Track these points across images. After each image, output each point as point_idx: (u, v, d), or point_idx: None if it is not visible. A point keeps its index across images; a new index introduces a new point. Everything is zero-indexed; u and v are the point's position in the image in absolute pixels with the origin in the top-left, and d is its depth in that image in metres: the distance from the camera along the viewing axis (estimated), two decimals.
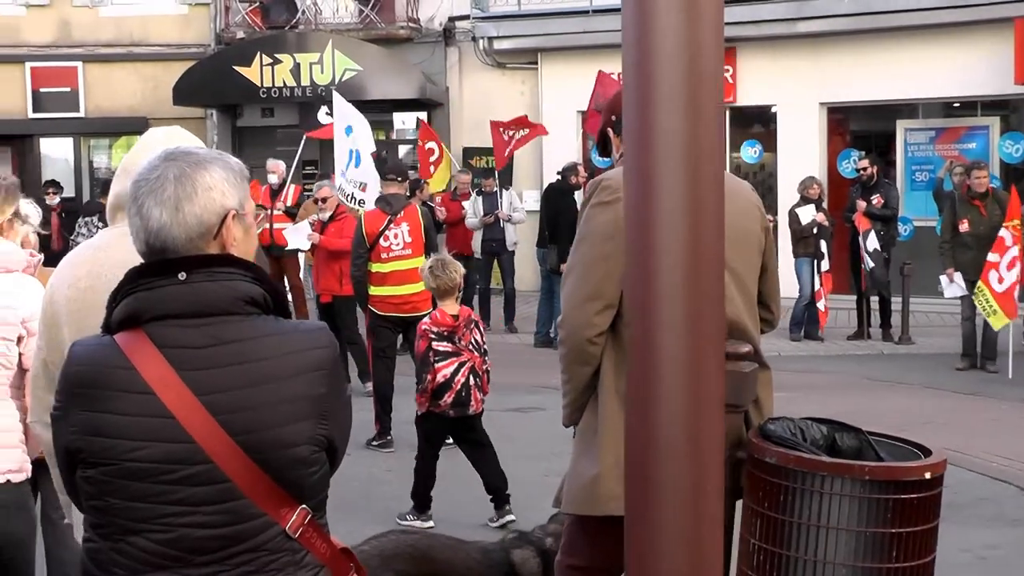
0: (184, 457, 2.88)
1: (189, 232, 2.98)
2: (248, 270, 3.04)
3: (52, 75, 26.77)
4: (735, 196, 4.72)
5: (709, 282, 2.44)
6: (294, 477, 2.98)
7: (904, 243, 19.81)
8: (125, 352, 2.93)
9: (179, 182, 2.99)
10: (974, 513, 9.48)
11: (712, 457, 2.49)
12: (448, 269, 9.39)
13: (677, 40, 2.33)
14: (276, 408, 2.94)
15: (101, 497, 2.95)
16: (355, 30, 25.52)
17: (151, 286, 2.96)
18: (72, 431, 2.96)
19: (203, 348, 2.93)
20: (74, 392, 2.97)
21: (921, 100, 22.40)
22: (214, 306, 2.95)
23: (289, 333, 3.04)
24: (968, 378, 15.28)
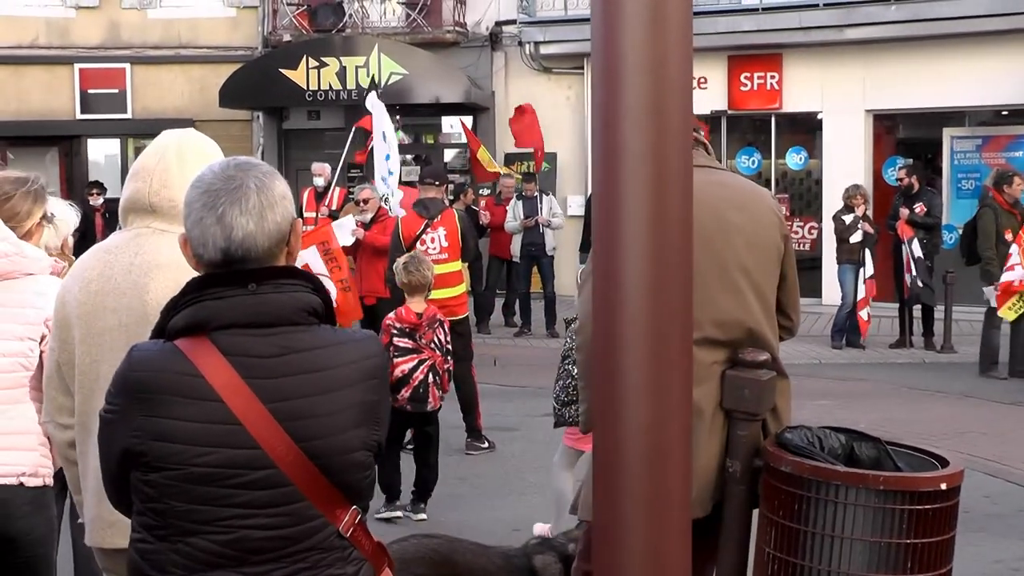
0: (248, 462, 2.96)
1: (271, 240, 3.06)
2: (308, 281, 3.12)
3: (100, 76, 26.94)
4: (754, 204, 4.71)
5: (675, 293, 2.43)
6: (351, 480, 3.09)
7: (949, 251, 19.68)
8: (191, 359, 2.99)
9: (260, 191, 3.06)
10: (1011, 524, 9.42)
11: (678, 470, 2.47)
12: (421, 266, 9.63)
13: (642, 55, 2.34)
14: (338, 415, 3.04)
15: (162, 500, 3.00)
16: (402, 34, 25.58)
17: (220, 295, 3.01)
18: (135, 435, 3.00)
19: (270, 357, 3.00)
20: (137, 397, 3.02)
21: (968, 108, 22.26)
22: (280, 317, 3.03)
23: (347, 343, 3.13)
24: (1009, 388, 15.14)
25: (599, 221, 2.51)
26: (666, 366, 2.43)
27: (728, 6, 22.93)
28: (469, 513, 9.57)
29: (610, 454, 2.49)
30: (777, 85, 23.35)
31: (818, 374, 15.61)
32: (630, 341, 2.43)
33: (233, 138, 23.94)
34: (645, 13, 2.35)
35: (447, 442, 11.68)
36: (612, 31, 2.38)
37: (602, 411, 2.55)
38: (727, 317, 4.43)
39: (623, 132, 2.39)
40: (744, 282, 4.52)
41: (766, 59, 23.31)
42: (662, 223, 2.40)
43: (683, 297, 2.45)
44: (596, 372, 2.56)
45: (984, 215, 15.96)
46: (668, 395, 2.43)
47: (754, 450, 4.40)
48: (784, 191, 23.57)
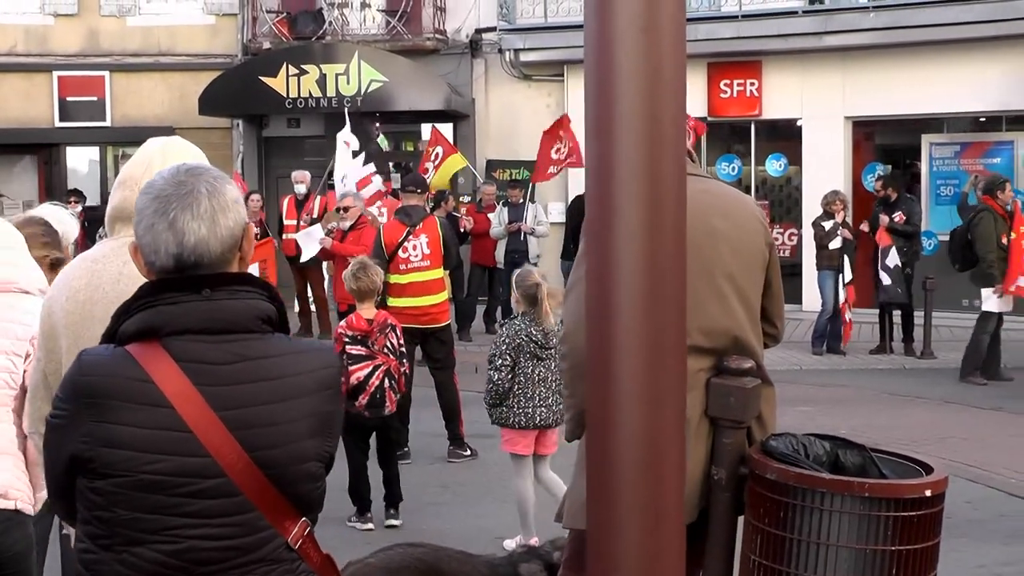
0: (198, 471, 2.92)
1: (223, 245, 3.03)
2: (263, 288, 3.09)
3: (79, 84, 26.87)
4: (739, 211, 4.73)
5: (669, 301, 2.43)
6: (303, 491, 3.05)
7: (929, 257, 19.76)
8: (142, 364, 2.94)
9: (212, 195, 3.02)
10: (993, 529, 9.45)
11: (672, 478, 2.48)
12: (369, 272, 9.65)
13: (636, 64, 2.35)
14: (291, 425, 3.00)
15: (109, 508, 2.95)
16: (382, 41, 25.57)
17: (174, 300, 2.98)
18: (83, 441, 2.95)
19: (222, 364, 2.96)
20: (86, 402, 2.97)
21: (946, 115, 22.33)
22: (235, 324, 2.99)
23: (302, 352, 3.10)
24: (989, 393, 15.21)
25: (592, 229, 2.51)
26: (661, 375, 2.43)
27: (708, 13, 22.96)
28: (452, 521, 9.57)
29: (603, 463, 2.49)
30: (757, 92, 23.40)
31: (799, 380, 15.64)
32: (624, 349, 2.43)
33: (213, 146, 23.86)
34: (639, 21, 2.35)
35: (429, 450, 11.72)
36: (605, 40, 2.38)
37: (595, 420, 2.54)
38: (713, 324, 4.44)
39: (617, 142, 2.39)
40: (729, 289, 4.54)
41: (746, 66, 23.36)
42: (656, 231, 2.40)
43: (677, 305, 2.45)
44: (589, 381, 2.56)
45: (983, 220, 15.97)
46: (663, 404, 2.43)
47: (739, 457, 4.41)
48: (764, 198, 23.60)
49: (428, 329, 11.88)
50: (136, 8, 27.06)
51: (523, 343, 8.81)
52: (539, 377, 8.84)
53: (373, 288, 9.65)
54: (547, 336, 8.80)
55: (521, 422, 8.83)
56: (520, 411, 8.83)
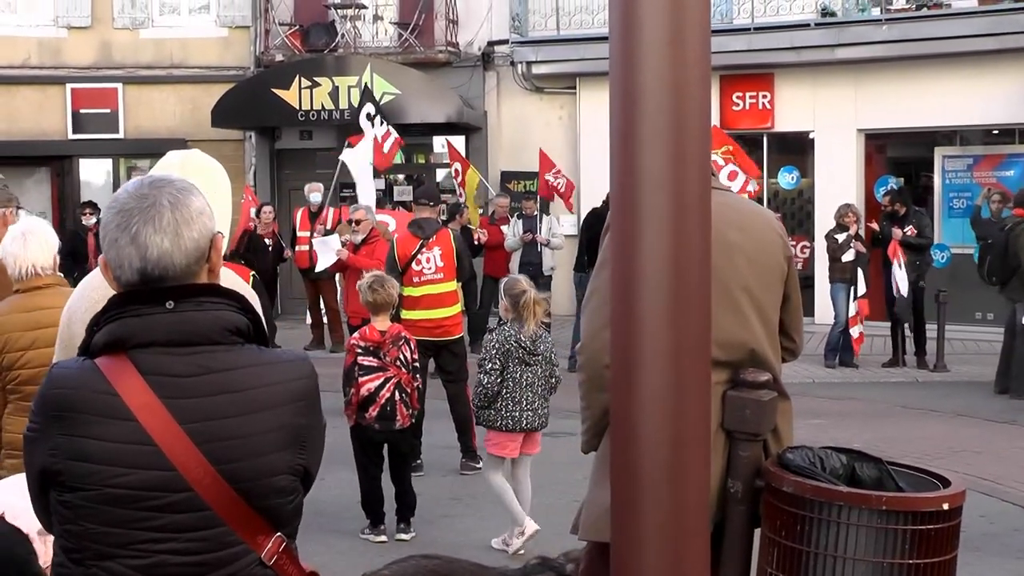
0: (165, 484, 2.89)
1: (188, 257, 2.98)
2: (233, 299, 3.05)
3: (92, 96, 26.91)
4: (757, 224, 4.72)
5: (694, 315, 2.44)
6: (273, 506, 3.00)
7: (941, 270, 19.75)
8: (108, 377, 2.92)
9: (175, 208, 2.98)
10: (1007, 544, 9.44)
11: (696, 495, 2.48)
12: (386, 285, 9.74)
13: (662, 76, 2.35)
14: (258, 438, 2.96)
15: (77, 521, 2.93)
16: (394, 54, 25.60)
17: (138, 313, 2.95)
18: (51, 454, 2.94)
19: (188, 377, 2.93)
20: (53, 415, 2.95)
21: (959, 127, 22.33)
22: (201, 335, 2.96)
23: (272, 363, 3.05)
24: (1003, 407, 15.19)
25: (617, 241, 2.51)
26: (686, 386, 2.43)
27: (720, 26, 22.97)
28: (465, 533, 9.58)
29: (628, 475, 2.49)
30: (769, 105, 23.41)
31: (812, 393, 15.62)
32: (649, 361, 2.43)
33: (225, 158, 23.62)
34: (664, 34, 2.36)
35: (442, 462, 11.72)
36: (631, 53, 2.38)
37: (619, 432, 2.55)
38: (730, 337, 4.43)
39: (642, 154, 2.39)
40: (746, 302, 4.53)
41: (758, 79, 23.37)
42: (682, 244, 2.40)
43: (702, 318, 2.45)
44: (613, 392, 2.56)
45: (1021, 234, 15.88)
46: (687, 416, 2.43)
47: (755, 470, 4.41)
48: (776, 210, 23.47)
49: (441, 342, 11.90)
50: (149, 21, 27.13)
51: (512, 348, 9.11)
52: (526, 382, 9.15)
53: (389, 301, 9.69)
54: (535, 342, 9.11)
55: (508, 425, 9.14)
56: (507, 414, 9.13)
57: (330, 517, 9.65)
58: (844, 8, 23.09)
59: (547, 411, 9.29)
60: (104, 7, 26.97)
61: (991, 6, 21.30)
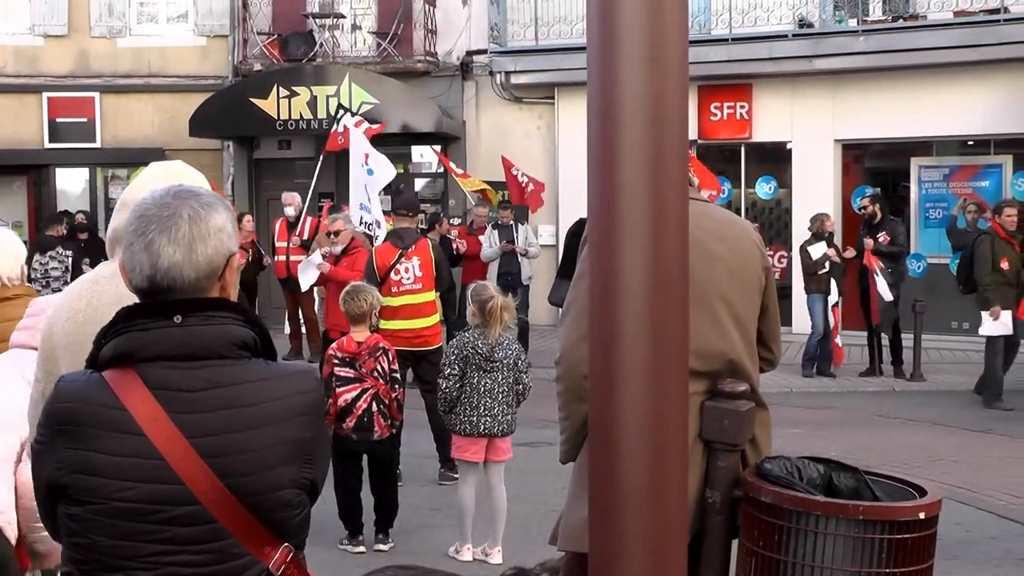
0: (171, 498, 2.89)
1: (199, 272, 2.98)
2: (240, 313, 3.05)
3: (69, 105, 26.82)
4: (735, 235, 4.75)
5: (672, 328, 2.45)
6: (279, 519, 3.01)
7: (918, 280, 19.83)
8: (115, 391, 2.93)
9: (193, 222, 2.99)
10: (984, 551, 9.47)
11: (675, 505, 2.49)
12: (359, 296, 9.80)
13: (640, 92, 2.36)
14: (264, 452, 2.96)
15: (85, 535, 2.93)
16: (373, 63, 25.58)
17: (145, 327, 2.96)
18: (57, 467, 2.94)
19: (194, 391, 2.93)
20: (60, 428, 2.95)
21: (935, 138, 22.40)
22: (207, 349, 2.96)
23: (279, 377, 3.05)
24: (979, 415, 15.26)
25: (596, 254, 2.53)
26: (664, 397, 2.44)
27: (698, 36, 23.03)
28: (443, 543, 9.57)
29: (606, 486, 2.50)
30: (747, 115, 23.47)
31: (789, 402, 15.66)
32: (628, 372, 2.44)
33: (203, 167, 23.25)
34: (643, 50, 2.37)
35: (420, 472, 11.72)
36: (609, 69, 2.40)
37: (598, 443, 2.56)
38: (708, 348, 4.44)
39: (620, 168, 2.40)
40: (725, 313, 4.55)
41: (736, 89, 23.43)
42: (659, 256, 2.42)
43: (681, 328, 2.46)
44: (592, 405, 2.58)
45: (981, 243, 16.08)
46: (666, 426, 2.45)
47: (734, 480, 4.42)
48: (754, 220, 23.57)
49: (420, 351, 11.89)
50: (127, 29, 27.07)
51: (470, 355, 9.19)
52: (484, 388, 9.20)
53: (365, 311, 9.69)
54: (492, 349, 9.17)
55: (466, 429, 9.22)
56: (466, 419, 9.22)
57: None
58: (821, 19, 23.20)
59: (511, 418, 9.30)
60: (81, 15, 26.91)
61: (967, 18, 21.40)
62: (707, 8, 23.73)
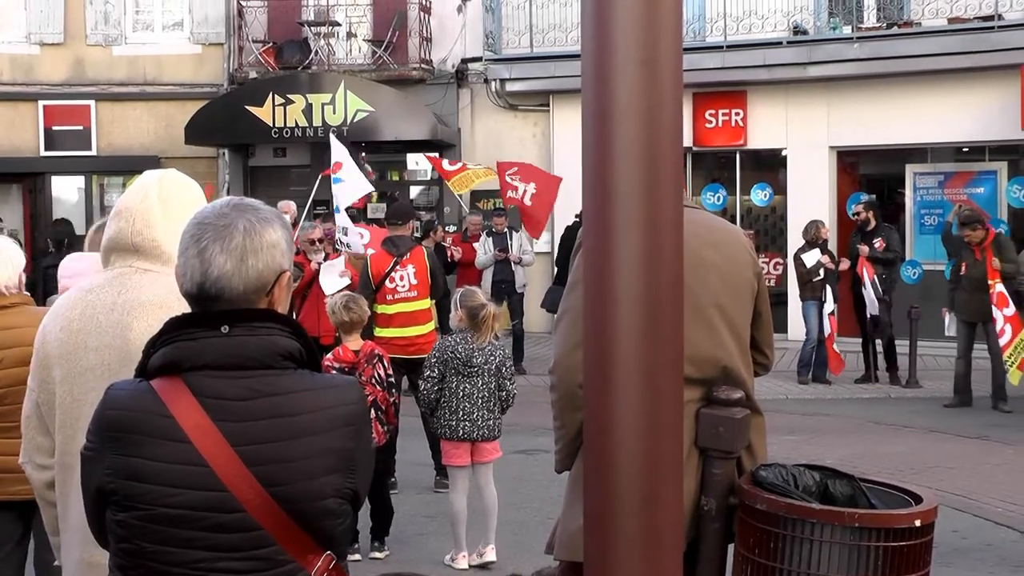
0: (217, 505, 2.92)
1: (247, 285, 3.02)
2: (287, 325, 3.07)
3: (65, 113, 26.81)
4: (727, 242, 4.75)
5: (667, 336, 2.45)
6: (323, 527, 3.03)
7: (913, 286, 19.84)
8: (163, 399, 2.96)
9: (248, 234, 3.02)
10: (980, 559, 9.47)
11: (670, 513, 2.49)
12: (360, 304, 9.83)
13: (635, 97, 2.37)
14: (309, 462, 2.98)
15: (132, 540, 2.98)
16: (368, 71, 25.61)
17: (193, 336, 2.99)
18: (107, 473, 2.99)
19: (240, 400, 2.96)
20: (110, 435, 3.00)
21: (930, 144, 22.43)
22: (253, 360, 2.98)
23: (323, 388, 3.08)
24: (975, 422, 15.25)
25: (590, 260, 2.53)
26: (659, 405, 2.44)
27: (693, 43, 23.06)
28: (439, 551, 9.56)
29: (601, 494, 2.50)
30: (742, 122, 23.49)
31: (785, 409, 15.66)
32: (622, 380, 2.44)
33: (199, 175, 23.79)
34: (638, 54, 2.37)
35: (416, 480, 11.71)
36: (604, 74, 2.40)
37: (593, 451, 2.56)
38: (702, 355, 4.44)
39: (615, 174, 2.41)
40: (719, 319, 4.55)
41: (731, 96, 23.46)
42: (654, 262, 2.42)
43: (675, 336, 2.47)
44: (586, 413, 2.58)
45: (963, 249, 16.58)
46: (661, 434, 2.45)
47: (729, 488, 4.42)
48: (749, 227, 23.64)
49: (415, 359, 11.86)
50: (122, 37, 27.05)
51: (449, 359, 9.21)
52: (464, 393, 9.22)
53: (362, 320, 9.72)
54: (471, 355, 9.18)
55: (446, 433, 9.29)
56: (445, 423, 9.28)
57: None
58: (816, 26, 23.24)
59: (492, 423, 9.28)
60: (77, 24, 26.90)
61: (961, 25, 21.44)
62: (702, 15, 23.77)
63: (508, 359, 9.57)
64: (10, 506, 6.25)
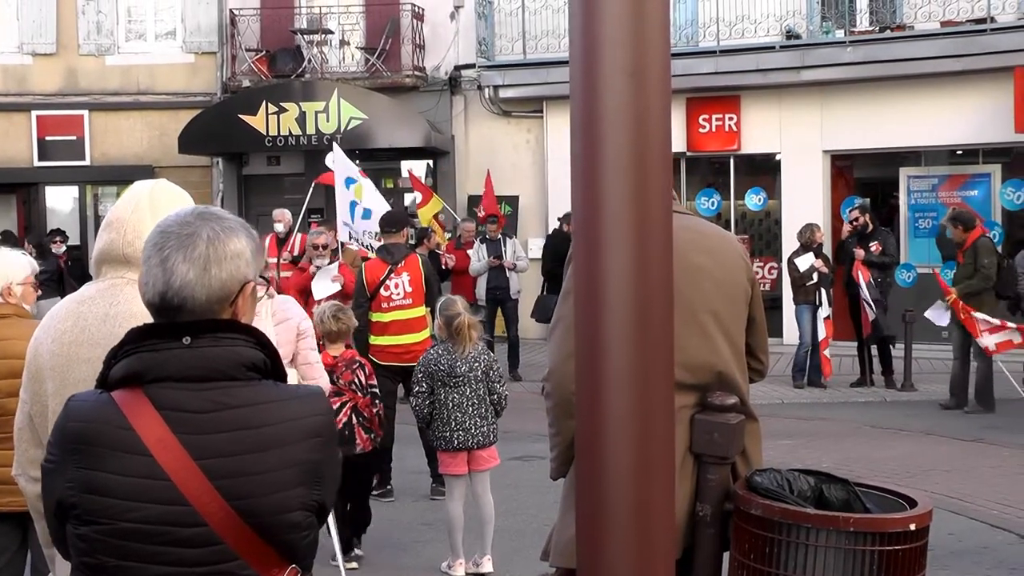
0: (179, 519, 2.88)
1: (211, 295, 2.98)
2: (250, 335, 3.03)
3: (58, 123, 26.85)
4: (721, 248, 4.75)
5: (657, 343, 2.45)
6: (288, 540, 2.99)
7: (907, 289, 19.83)
8: (124, 412, 2.92)
9: (211, 243, 2.98)
10: (976, 561, 9.46)
11: (662, 520, 2.49)
12: (348, 313, 9.98)
13: (623, 107, 2.37)
14: (273, 475, 2.94)
15: (94, 555, 2.93)
16: (361, 79, 25.63)
17: (155, 347, 2.95)
18: (68, 486, 2.94)
19: (203, 413, 2.92)
20: (70, 448, 2.95)
21: (924, 148, 22.46)
22: (217, 371, 2.95)
23: (288, 400, 3.04)
24: (970, 425, 15.26)
25: (581, 268, 2.53)
26: (650, 412, 2.44)
27: (686, 48, 23.10)
28: (436, 558, 9.55)
29: (593, 501, 2.50)
30: (735, 127, 23.51)
31: (781, 414, 15.65)
32: (613, 387, 2.45)
33: (193, 184, 23.85)
34: (625, 65, 2.38)
35: (412, 487, 11.71)
36: (592, 84, 2.41)
37: (584, 458, 2.56)
38: (696, 360, 4.44)
39: (604, 183, 2.41)
40: (713, 325, 4.54)
41: (724, 101, 23.48)
42: (644, 271, 2.42)
43: (665, 343, 2.47)
44: (578, 421, 2.58)
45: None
46: (652, 441, 2.45)
47: (724, 493, 4.42)
48: (743, 232, 23.70)
49: (410, 367, 11.78)
50: (115, 47, 27.08)
51: (434, 371, 9.25)
52: (453, 403, 9.23)
53: (349, 330, 9.79)
54: (453, 365, 9.20)
55: (442, 445, 9.29)
56: (439, 435, 9.28)
57: None
58: (809, 30, 23.26)
59: (487, 429, 9.27)
60: (69, 33, 26.92)
61: (953, 28, 21.47)
62: (694, 20, 23.81)
63: (494, 362, 9.55)
64: (7, 517, 6.26)
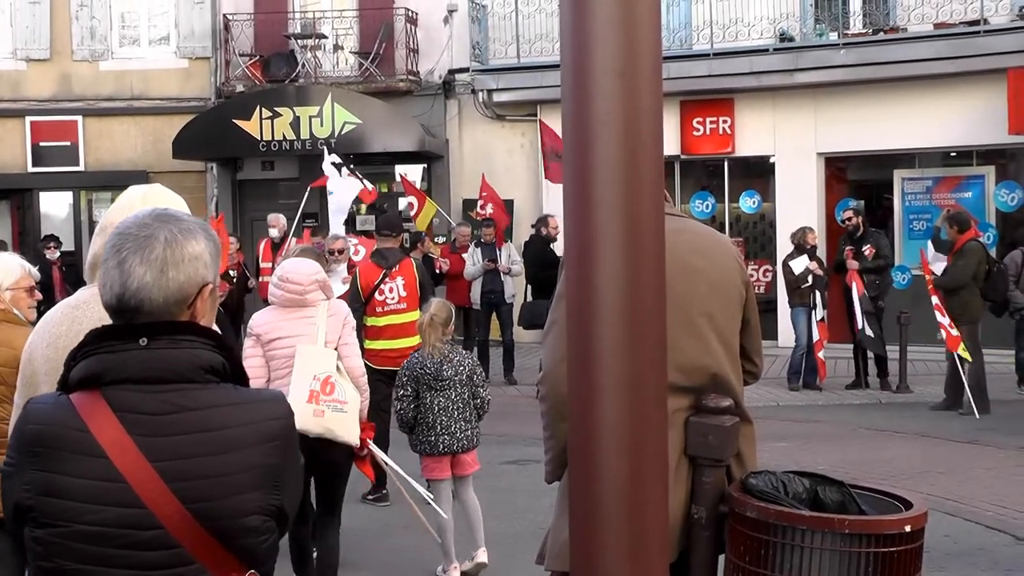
0: (136, 522, 2.87)
1: (168, 297, 2.97)
2: (209, 338, 3.02)
3: (52, 129, 26.83)
4: (715, 250, 4.74)
5: (649, 345, 2.45)
6: (245, 544, 2.97)
7: (902, 292, 19.85)
8: (80, 414, 2.90)
9: (168, 245, 2.98)
10: (972, 562, 9.47)
11: (655, 523, 2.49)
12: None
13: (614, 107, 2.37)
14: (230, 478, 2.93)
15: (51, 559, 2.92)
16: (355, 83, 25.62)
17: (112, 349, 2.94)
18: (25, 489, 2.92)
19: (159, 415, 2.91)
20: (28, 450, 2.93)
21: (918, 150, 22.48)
22: (174, 373, 2.93)
23: (246, 403, 3.03)
24: (965, 426, 15.28)
25: (572, 272, 2.53)
26: (643, 415, 2.44)
27: (679, 51, 23.11)
28: (431, 562, 9.53)
29: (586, 505, 2.50)
30: (729, 129, 23.53)
31: (776, 416, 15.66)
32: (606, 391, 2.44)
33: (187, 189, 23.83)
34: (616, 65, 2.38)
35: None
36: (583, 84, 2.41)
37: (577, 462, 2.55)
38: (691, 363, 4.44)
39: (595, 185, 2.41)
40: (707, 327, 4.54)
41: (718, 104, 23.49)
42: (636, 273, 2.42)
43: (658, 345, 2.47)
44: (571, 424, 2.58)
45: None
46: (645, 445, 2.45)
47: (719, 496, 4.41)
48: (738, 235, 23.71)
49: None
50: (109, 52, 27.07)
51: (420, 375, 9.19)
52: (438, 407, 9.18)
53: None
54: (440, 368, 9.16)
55: (426, 449, 9.21)
56: (424, 439, 9.21)
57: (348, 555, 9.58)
58: (802, 33, 23.29)
59: (470, 433, 9.24)
60: (63, 39, 26.92)
61: (947, 30, 21.49)
62: (688, 23, 23.83)
63: (477, 366, 9.53)
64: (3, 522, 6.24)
